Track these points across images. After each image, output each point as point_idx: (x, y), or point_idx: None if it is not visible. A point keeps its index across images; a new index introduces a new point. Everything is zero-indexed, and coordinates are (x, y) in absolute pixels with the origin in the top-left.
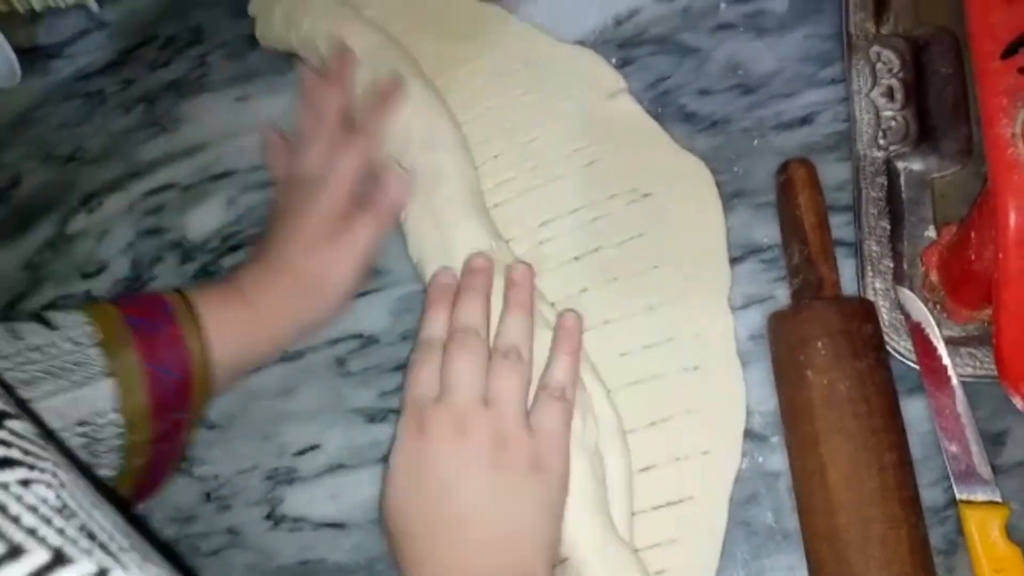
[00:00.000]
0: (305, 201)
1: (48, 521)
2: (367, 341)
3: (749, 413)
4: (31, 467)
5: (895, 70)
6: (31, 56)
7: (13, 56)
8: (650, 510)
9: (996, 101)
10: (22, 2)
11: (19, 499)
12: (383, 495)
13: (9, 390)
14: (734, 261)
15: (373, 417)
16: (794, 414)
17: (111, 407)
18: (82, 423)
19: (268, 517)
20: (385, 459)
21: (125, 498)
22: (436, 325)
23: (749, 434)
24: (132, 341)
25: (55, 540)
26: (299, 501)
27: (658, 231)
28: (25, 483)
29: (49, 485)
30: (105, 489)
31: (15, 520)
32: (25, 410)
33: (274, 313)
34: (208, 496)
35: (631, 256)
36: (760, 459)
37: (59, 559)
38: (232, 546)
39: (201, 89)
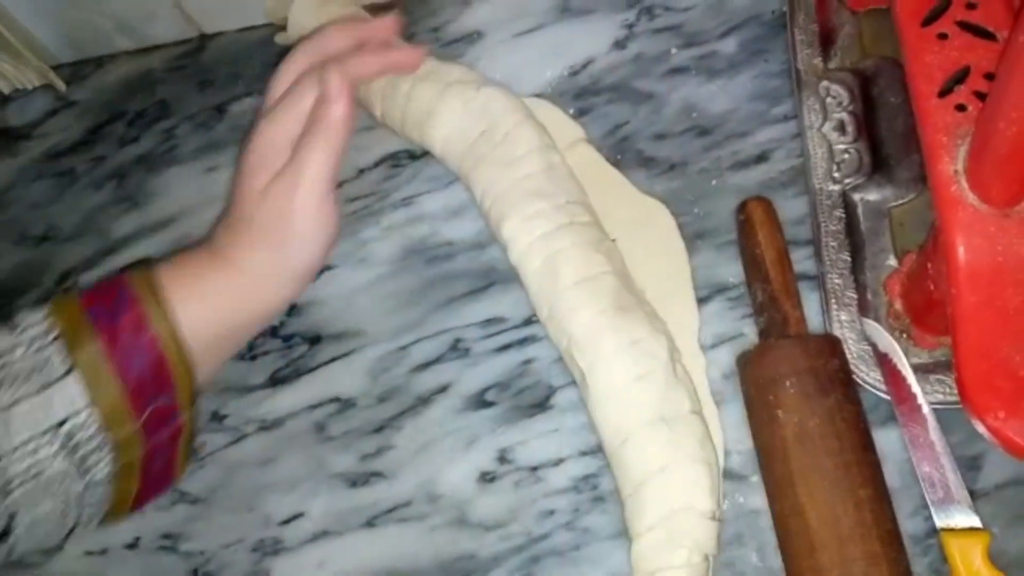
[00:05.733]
0: (248, 138)
1: None
2: (345, 404)
3: (727, 453)
4: None
5: (844, 104)
6: (0, 139)
7: None
8: None
9: (937, 139)
10: None
11: None
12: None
13: None
14: (701, 301)
15: (355, 481)
16: (768, 455)
17: (84, 403)
18: (60, 424)
19: None
20: (370, 524)
21: (131, 502)
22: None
23: (728, 474)
24: (93, 332)
25: None
26: (286, 571)
27: None
28: None
29: None
30: None
31: None
32: None
33: (254, 269)
34: (195, 573)
35: None
36: (741, 499)
37: None
38: None
39: (171, 162)
